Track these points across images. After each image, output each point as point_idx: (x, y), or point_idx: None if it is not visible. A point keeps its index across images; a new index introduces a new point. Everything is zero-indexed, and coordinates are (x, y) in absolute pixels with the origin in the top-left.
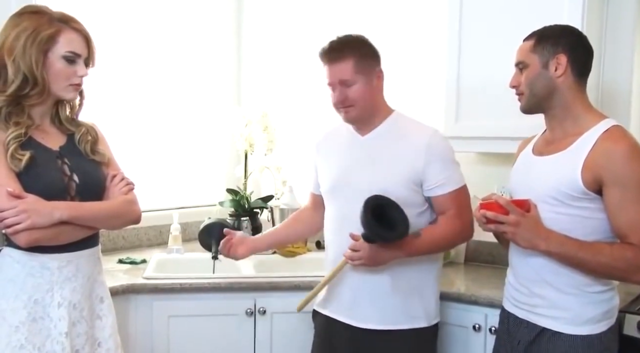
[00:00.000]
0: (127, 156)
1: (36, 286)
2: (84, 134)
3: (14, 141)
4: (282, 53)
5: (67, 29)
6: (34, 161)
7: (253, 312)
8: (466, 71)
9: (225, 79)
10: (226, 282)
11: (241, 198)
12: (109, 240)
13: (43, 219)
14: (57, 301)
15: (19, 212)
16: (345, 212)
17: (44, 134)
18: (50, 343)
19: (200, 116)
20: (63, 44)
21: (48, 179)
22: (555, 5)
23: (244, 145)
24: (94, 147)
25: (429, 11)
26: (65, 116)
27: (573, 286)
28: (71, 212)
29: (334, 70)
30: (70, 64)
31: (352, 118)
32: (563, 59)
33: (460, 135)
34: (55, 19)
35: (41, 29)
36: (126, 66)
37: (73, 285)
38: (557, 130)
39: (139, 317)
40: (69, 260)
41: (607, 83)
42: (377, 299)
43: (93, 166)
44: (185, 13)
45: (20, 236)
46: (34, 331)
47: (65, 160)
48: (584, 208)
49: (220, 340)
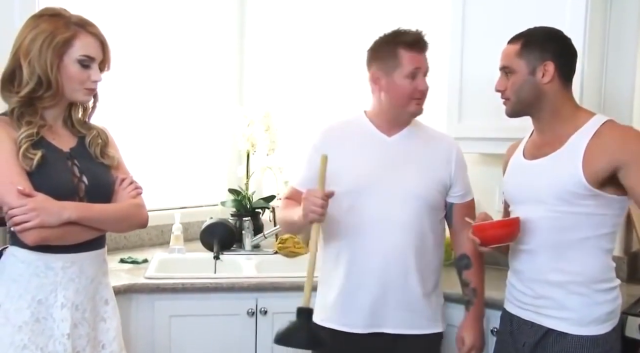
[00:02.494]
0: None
1: (40, 286)
2: (94, 137)
3: (25, 140)
4: (285, 53)
5: (84, 32)
6: (44, 161)
7: (254, 312)
8: (469, 71)
9: (227, 78)
10: (228, 282)
11: (243, 199)
12: (111, 239)
13: (51, 218)
14: (60, 302)
15: (28, 210)
16: (382, 214)
17: (55, 135)
18: (53, 344)
19: (203, 116)
20: (78, 47)
21: (58, 179)
22: (557, 7)
23: (246, 145)
24: (104, 150)
25: (431, 12)
26: (77, 119)
27: (578, 286)
28: (80, 212)
29: (425, 60)
30: (85, 68)
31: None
32: (550, 66)
33: (463, 135)
34: (73, 23)
35: (58, 32)
36: (129, 66)
37: (76, 286)
38: (548, 133)
39: (141, 316)
40: (73, 261)
41: (609, 86)
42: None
43: (102, 169)
44: (187, 13)
45: (28, 234)
46: (37, 331)
47: (76, 161)
48: (587, 206)
49: (222, 340)
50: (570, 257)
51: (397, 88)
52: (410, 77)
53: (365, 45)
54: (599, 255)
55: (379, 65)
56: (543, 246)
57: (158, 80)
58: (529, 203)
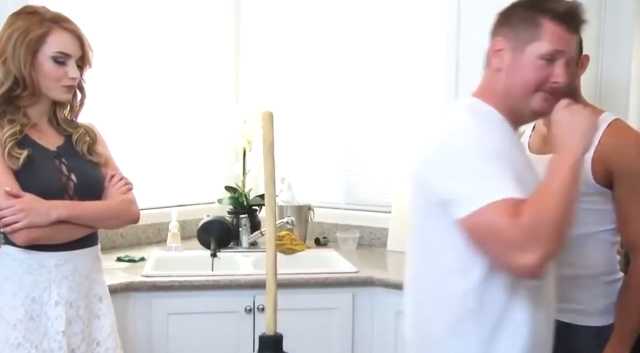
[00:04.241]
0: (125, 154)
1: (33, 284)
2: (81, 135)
3: (10, 139)
4: (281, 50)
5: (58, 28)
6: (31, 160)
7: (252, 309)
8: (465, 67)
9: (223, 75)
10: (225, 280)
11: (240, 196)
12: (108, 238)
13: (41, 218)
14: (54, 299)
15: (16, 211)
16: None
17: (40, 133)
18: (48, 342)
19: (198, 113)
20: (52, 44)
21: (46, 178)
22: None
23: (242, 142)
24: (92, 148)
25: (427, 8)
26: (62, 117)
27: (586, 279)
28: (69, 211)
29: (573, 42)
30: (60, 65)
31: None
32: (586, 58)
33: None
34: (47, 19)
35: (31, 29)
36: (124, 64)
37: (70, 283)
38: None
39: (138, 314)
40: (66, 258)
41: (605, 76)
42: None
43: (91, 166)
44: (183, 10)
45: (18, 235)
46: (31, 329)
47: (63, 160)
48: (593, 202)
49: (219, 337)
50: (579, 251)
51: (523, 69)
52: (547, 59)
53: (361, 41)
54: (606, 248)
55: (507, 33)
56: None
57: (154, 78)
58: None
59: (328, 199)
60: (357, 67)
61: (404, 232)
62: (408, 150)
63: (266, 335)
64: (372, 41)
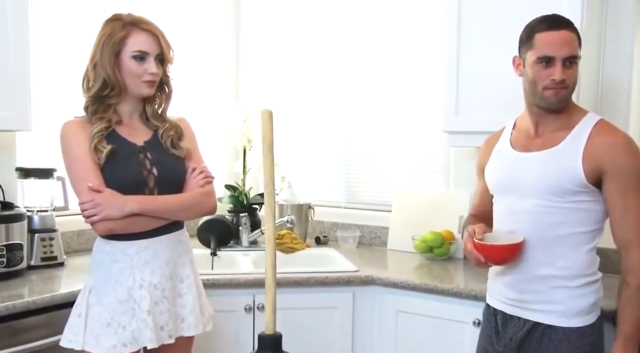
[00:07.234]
0: None
1: (120, 271)
2: (167, 129)
3: (97, 135)
4: (281, 48)
5: (136, 30)
6: (115, 154)
7: (252, 308)
8: (466, 65)
9: (223, 74)
10: (225, 278)
11: (240, 194)
12: None
13: (115, 212)
14: (138, 283)
15: (94, 205)
16: None
17: (130, 129)
18: (136, 322)
19: (199, 112)
20: (131, 44)
21: (126, 173)
22: None
23: (242, 140)
24: (175, 142)
25: (428, 7)
26: (151, 112)
27: (566, 280)
28: (142, 205)
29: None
30: (140, 62)
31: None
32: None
33: (460, 129)
34: (127, 23)
35: (114, 33)
36: None
37: (152, 268)
38: (551, 125)
39: None
40: (146, 245)
41: (607, 78)
42: None
43: (173, 160)
44: (183, 10)
45: (96, 226)
46: (120, 311)
47: (148, 154)
48: (581, 201)
49: (219, 336)
50: (560, 252)
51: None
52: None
53: (360, 40)
54: (586, 249)
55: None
56: (531, 240)
57: None
58: (516, 195)
59: (328, 198)
60: (356, 65)
61: (404, 230)
62: (408, 150)
63: (265, 334)
64: (372, 40)
